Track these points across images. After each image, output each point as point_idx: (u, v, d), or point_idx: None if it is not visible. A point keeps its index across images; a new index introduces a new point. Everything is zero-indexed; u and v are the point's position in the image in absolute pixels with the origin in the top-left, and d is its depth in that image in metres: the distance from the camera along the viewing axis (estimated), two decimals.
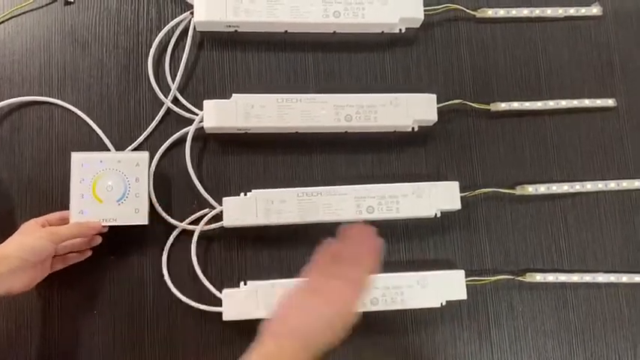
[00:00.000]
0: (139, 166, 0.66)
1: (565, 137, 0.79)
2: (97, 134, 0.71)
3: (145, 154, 0.67)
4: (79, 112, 0.71)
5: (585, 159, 0.78)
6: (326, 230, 0.72)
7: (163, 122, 0.73)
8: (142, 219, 0.66)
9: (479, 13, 0.79)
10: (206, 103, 0.71)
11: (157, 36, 0.73)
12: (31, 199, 0.70)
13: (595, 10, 0.81)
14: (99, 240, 0.66)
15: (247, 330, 0.68)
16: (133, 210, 0.65)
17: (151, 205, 0.68)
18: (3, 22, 0.73)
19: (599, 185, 0.77)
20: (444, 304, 0.70)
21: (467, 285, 0.71)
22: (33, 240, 0.59)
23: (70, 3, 0.74)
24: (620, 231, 0.77)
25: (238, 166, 0.73)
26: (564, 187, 0.76)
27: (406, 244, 0.74)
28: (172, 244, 0.69)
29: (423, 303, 0.70)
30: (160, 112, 0.72)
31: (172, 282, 0.68)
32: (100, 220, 0.64)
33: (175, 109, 0.72)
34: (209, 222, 0.70)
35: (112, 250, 0.68)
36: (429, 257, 0.74)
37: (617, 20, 0.82)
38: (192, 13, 0.73)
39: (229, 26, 0.74)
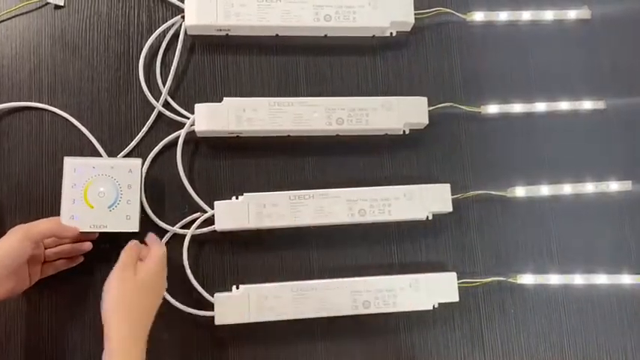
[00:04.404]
0: (132, 172, 0.66)
1: (555, 139, 0.79)
2: (88, 138, 0.71)
3: (138, 161, 0.67)
4: (69, 117, 0.71)
5: (576, 161, 0.79)
6: (318, 233, 0.73)
7: (154, 126, 0.72)
8: (133, 226, 0.65)
9: (469, 17, 0.79)
10: (197, 106, 0.71)
11: (147, 40, 0.73)
12: (21, 204, 0.69)
13: (584, 13, 0.82)
14: (89, 246, 0.66)
15: (239, 334, 0.69)
16: (124, 216, 0.65)
17: (142, 210, 0.68)
18: None
19: (590, 187, 0.77)
20: (436, 306, 0.70)
21: (459, 287, 0.71)
22: (9, 241, 0.58)
23: (60, 7, 0.74)
24: (610, 232, 0.78)
25: (230, 169, 0.73)
26: (555, 189, 0.77)
27: (398, 247, 0.74)
28: None
29: (416, 305, 0.70)
30: (152, 116, 0.72)
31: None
32: (90, 226, 0.64)
33: (166, 112, 0.72)
34: (201, 226, 0.70)
35: (103, 256, 0.67)
36: (420, 260, 0.74)
37: (605, 23, 0.82)
38: (183, 17, 0.73)
39: (220, 30, 0.74)
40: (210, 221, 0.70)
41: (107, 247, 0.67)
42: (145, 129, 0.72)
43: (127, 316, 0.56)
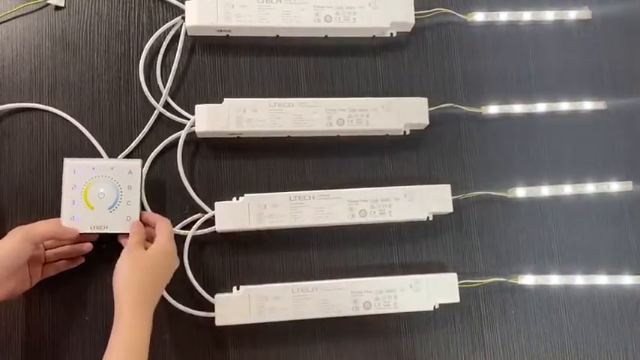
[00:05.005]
0: (132, 173, 0.66)
1: (556, 140, 0.79)
2: (89, 140, 0.71)
3: (138, 162, 0.67)
4: (70, 118, 0.71)
5: (576, 161, 0.79)
6: (319, 234, 0.73)
7: (155, 127, 0.72)
8: None
9: (469, 17, 0.79)
10: (198, 107, 0.71)
11: (148, 41, 0.73)
12: (22, 205, 0.69)
13: (584, 13, 0.82)
14: (90, 247, 0.66)
15: (240, 335, 0.69)
16: (124, 217, 0.65)
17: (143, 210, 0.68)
18: None
19: (590, 187, 0.77)
20: (436, 307, 0.70)
21: (459, 288, 0.71)
22: (9, 242, 0.58)
23: (61, 8, 0.74)
24: (611, 233, 0.78)
25: (230, 170, 0.73)
26: (555, 190, 0.76)
27: (399, 248, 0.74)
28: None
29: (416, 306, 0.70)
30: (152, 117, 0.72)
31: (164, 287, 0.67)
32: (91, 227, 0.64)
33: (167, 113, 0.72)
34: (201, 227, 0.70)
35: (103, 257, 0.67)
36: (421, 260, 0.74)
37: (606, 23, 0.82)
38: (183, 18, 0.73)
39: (221, 31, 0.74)
40: (210, 222, 0.70)
41: (107, 248, 0.67)
42: (145, 130, 0.72)
43: (138, 295, 0.58)
